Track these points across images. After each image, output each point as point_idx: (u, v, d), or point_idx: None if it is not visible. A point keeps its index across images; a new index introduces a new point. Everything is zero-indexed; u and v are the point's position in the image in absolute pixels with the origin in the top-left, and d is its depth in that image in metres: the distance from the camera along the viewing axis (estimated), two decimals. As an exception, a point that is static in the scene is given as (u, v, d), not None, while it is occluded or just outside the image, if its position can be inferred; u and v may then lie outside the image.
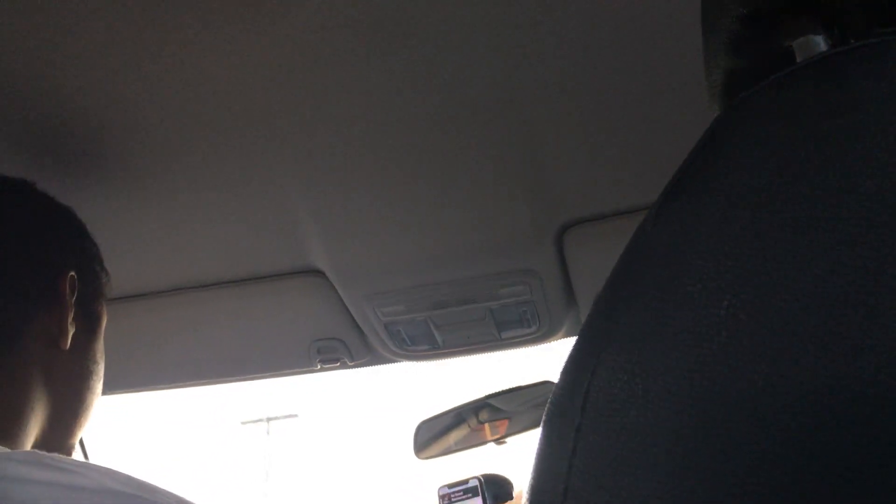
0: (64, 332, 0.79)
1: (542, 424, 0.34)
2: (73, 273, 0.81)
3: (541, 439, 0.34)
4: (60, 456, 0.68)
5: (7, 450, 0.67)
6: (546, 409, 0.35)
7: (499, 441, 1.63)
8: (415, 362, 1.46)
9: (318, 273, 1.24)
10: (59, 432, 0.80)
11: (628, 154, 0.99)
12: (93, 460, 1.57)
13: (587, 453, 0.30)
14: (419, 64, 0.81)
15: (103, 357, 0.89)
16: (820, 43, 0.39)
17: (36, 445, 0.77)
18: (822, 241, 0.27)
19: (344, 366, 1.45)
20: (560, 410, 0.33)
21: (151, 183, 0.99)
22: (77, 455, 1.42)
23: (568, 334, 1.41)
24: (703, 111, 0.88)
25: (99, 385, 0.87)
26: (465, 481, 1.56)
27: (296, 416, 15.10)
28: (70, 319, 0.80)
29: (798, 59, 0.39)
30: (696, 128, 0.95)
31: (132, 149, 0.92)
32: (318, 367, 1.44)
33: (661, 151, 0.98)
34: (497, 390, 1.62)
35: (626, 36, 0.79)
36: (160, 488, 0.66)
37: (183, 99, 0.84)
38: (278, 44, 0.77)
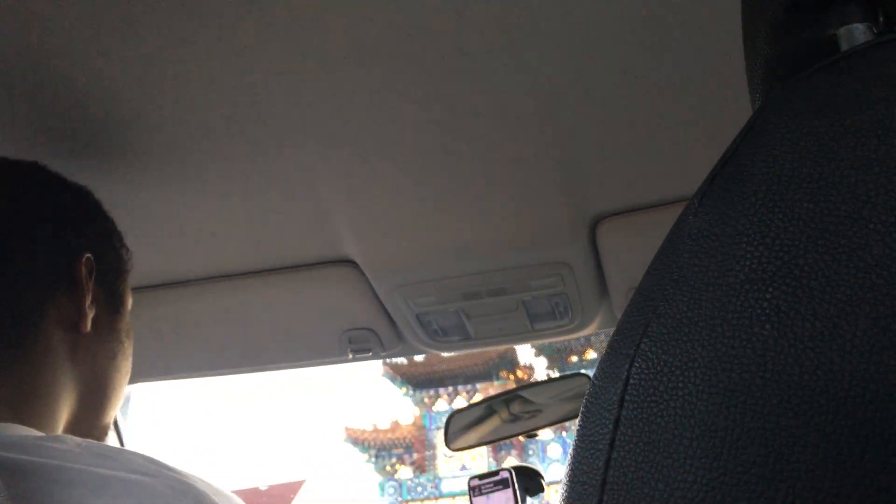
0: (83, 315, 0.78)
1: (579, 417, 0.34)
2: (88, 255, 0.81)
3: (578, 432, 0.34)
4: (92, 441, 0.69)
5: (40, 434, 0.68)
6: (584, 401, 0.34)
7: (529, 433, 1.63)
8: (446, 352, 1.46)
9: (351, 263, 1.24)
10: (90, 414, 0.81)
11: (662, 146, 0.98)
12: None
13: (626, 446, 0.30)
14: (452, 57, 0.81)
15: (130, 336, 0.88)
16: (865, 32, 0.38)
17: (68, 428, 0.78)
18: (867, 232, 0.26)
19: (375, 355, 1.45)
20: (598, 403, 0.33)
21: (186, 172, 0.99)
22: (112, 439, 1.44)
23: (601, 327, 1.40)
24: (736, 103, 0.88)
25: (127, 364, 0.87)
26: (496, 472, 1.55)
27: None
28: (89, 302, 0.79)
29: (842, 49, 0.38)
30: (728, 120, 0.94)
31: (166, 138, 0.92)
32: (350, 356, 1.44)
33: (694, 144, 0.97)
34: (529, 382, 1.62)
35: (662, 26, 0.78)
36: (191, 473, 0.67)
37: (219, 90, 0.84)
38: (314, 36, 0.77)
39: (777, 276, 0.28)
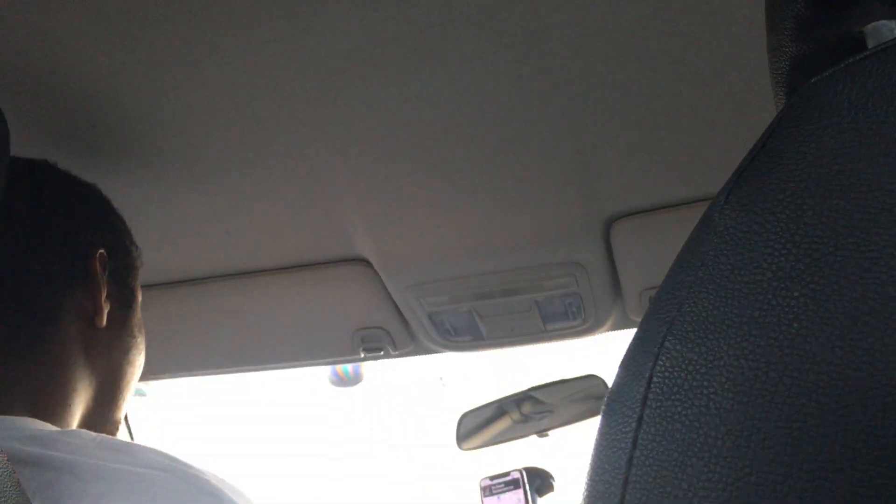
0: (99, 310, 0.79)
1: (601, 414, 0.34)
2: (102, 250, 0.82)
3: (600, 430, 0.33)
4: (107, 436, 0.70)
5: (56, 428, 0.68)
6: (605, 399, 0.34)
7: (541, 434, 1.62)
8: (458, 352, 1.46)
9: (363, 262, 1.24)
10: (104, 408, 0.81)
11: (677, 147, 0.98)
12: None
13: (649, 445, 0.30)
14: (466, 56, 0.80)
15: (143, 332, 0.89)
16: (893, 29, 0.38)
17: (82, 423, 0.78)
18: None
19: (387, 355, 1.45)
20: (620, 401, 0.32)
21: (199, 169, 0.99)
22: (122, 434, 1.45)
23: (614, 328, 1.40)
24: (753, 102, 0.87)
25: (140, 359, 0.88)
26: (507, 473, 1.55)
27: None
28: (104, 297, 0.80)
29: (869, 46, 0.38)
30: (744, 120, 0.94)
31: (180, 138, 0.92)
32: (362, 355, 1.44)
33: (709, 144, 0.96)
34: (541, 383, 1.62)
35: (677, 25, 0.77)
36: (202, 467, 0.67)
37: (232, 88, 0.84)
38: (327, 33, 0.77)
39: (806, 273, 0.27)
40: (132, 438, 1.63)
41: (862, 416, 0.24)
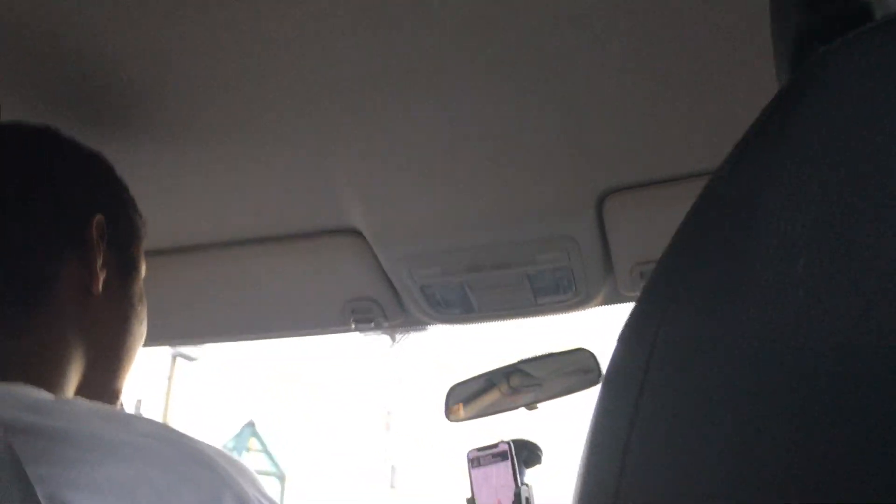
0: (95, 277, 0.78)
1: (601, 385, 0.34)
2: (101, 217, 0.81)
3: (599, 400, 0.34)
4: (101, 404, 0.69)
5: (51, 396, 0.68)
6: (606, 370, 0.34)
7: (529, 407, 1.63)
8: (450, 325, 1.46)
9: (355, 233, 1.24)
10: (102, 377, 0.81)
11: (672, 121, 0.97)
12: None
13: (649, 415, 0.30)
14: (458, 26, 0.80)
15: (144, 301, 0.88)
16: None
17: (78, 391, 0.78)
18: None
19: (378, 326, 1.45)
20: (621, 372, 0.32)
21: (192, 138, 0.99)
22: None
23: (605, 302, 1.40)
24: (750, 76, 0.87)
25: (140, 328, 0.87)
26: (495, 445, 1.56)
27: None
28: (100, 264, 0.79)
29: (876, 16, 0.37)
30: (740, 94, 0.93)
31: (172, 104, 0.92)
32: (353, 326, 1.44)
33: (705, 119, 0.96)
34: (530, 356, 1.62)
35: None
36: (202, 440, 0.67)
37: (226, 56, 0.83)
38: (323, 5, 0.76)
39: (812, 242, 0.27)
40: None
41: (869, 385, 0.24)
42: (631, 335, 0.33)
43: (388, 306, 1.40)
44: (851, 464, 0.24)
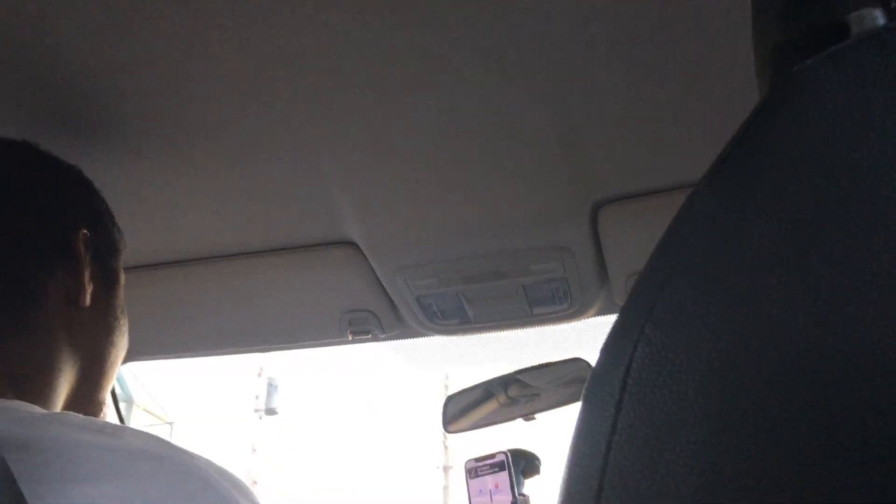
0: (83, 290, 0.79)
1: (581, 399, 0.34)
2: (85, 230, 0.81)
3: (580, 415, 0.34)
4: (93, 418, 0.69)
5: (43, 410, 0.68)
6: (585, 384, 0.34)
7: (527, 417, 1.63)
8: (445, 336, 1.46)
9: (351, 245, 1.24)
10: (88, 389, 0.81)
11: (665, 133, 0.98)
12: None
13: (627, 430, 0.30)
14: (454, 40, 0.80)
15: (125, 313, 0.89)
16: (877, 17, 0.38)
17: (66, 404, 0.78)
18: (881, 213, 0.26)
19: (375, 338, 1.45)
20: (600, 386, 0.33)
21: (186, 150, 0.99)
22: (111, 416, 1.45)
23: (600, 312, 1.40)
24: (740, 90, 0.87)
25: (123, 340, 0.87)
26: (492, 455, 1.56)
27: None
28: (87, 277, 0.80)
29: (853, 33, 0.38)
30: (732, 107, 0.94)
31: (167, 117, 0.92)
32: (350, 338, 1.44)
33: (697, 131, 0.97)
34: (527, 366, 1.62)
35: (665, 12, 0.78)
36: (193, 452, 0.67)
37: (220, 68, 0.83)
38: (314, 15, 0.76)
39: (786, 256, 0.28)
40: (120, 418, 1.63)
41: (842, 399, 0.24)
42: (610, 350, 0.33)
43: (384, 317, 1.40)
44: (822, 469, 0.24)
